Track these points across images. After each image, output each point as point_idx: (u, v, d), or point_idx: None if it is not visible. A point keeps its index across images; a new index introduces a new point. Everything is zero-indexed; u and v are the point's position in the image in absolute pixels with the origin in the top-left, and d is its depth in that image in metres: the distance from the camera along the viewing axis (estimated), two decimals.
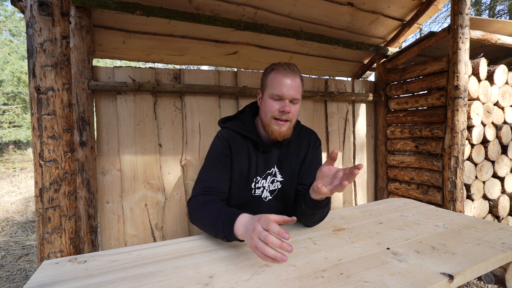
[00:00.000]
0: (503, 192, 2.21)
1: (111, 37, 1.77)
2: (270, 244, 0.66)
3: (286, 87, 1.02)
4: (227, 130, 1.13)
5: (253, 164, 1.11)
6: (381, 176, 2.56)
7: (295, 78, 1.04)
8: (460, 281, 0.69)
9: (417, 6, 2.16)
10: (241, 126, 1.13)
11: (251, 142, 1.12)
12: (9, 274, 2.32)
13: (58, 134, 1.05)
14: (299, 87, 1.06)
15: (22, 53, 8.44)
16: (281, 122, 1.04)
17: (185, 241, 0.97)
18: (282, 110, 1.01)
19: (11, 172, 7.16)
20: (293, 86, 1.03)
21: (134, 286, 0.68)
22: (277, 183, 1.15)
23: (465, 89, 1.86)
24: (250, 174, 1.11)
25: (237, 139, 1.11)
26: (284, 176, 1.14)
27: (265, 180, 1.13)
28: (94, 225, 1.51)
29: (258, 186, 1.12)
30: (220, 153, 1.09)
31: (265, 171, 1.13)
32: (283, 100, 1.03)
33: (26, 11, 1.00)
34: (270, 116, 1.04)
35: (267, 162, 1.12)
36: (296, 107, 1.06)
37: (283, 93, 1.01)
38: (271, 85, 1.05)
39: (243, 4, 1.79)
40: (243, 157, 1.10)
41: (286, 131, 1.06)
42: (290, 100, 1.03)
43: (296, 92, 1.04)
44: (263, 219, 0.70)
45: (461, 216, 1.16)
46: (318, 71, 2.74)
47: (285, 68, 1.04)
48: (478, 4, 8.39)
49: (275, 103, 1.04)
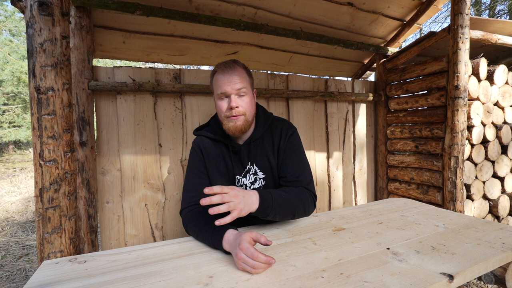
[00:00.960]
0: (503, 192, 2.21)
1: (111, 37, 1.77)
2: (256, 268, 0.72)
3: (226, 83, 1.04)
4: (199, 137, 1.20)
5: (229, 164, 1.14)
6: (381, 176, 2.56)
7: (233, 71, 1.05)
8: (460, 281, 0.69)
9: (417, 6, 2.15)
10: (211, 130, 1.17)
11: (222, 144, 1.16)
12: (9, 274, 2.32)
13: (58, 134, 1.05)
14: (242, 78, 1.06)
15: (22, 53, 8.44)
16: (234, 117, 1.05)
17: (185, 241, 0.97)
18: (230, 107, 1.03)
19: (11, 172, 7.17)
20: (232, 79, 1.04)
21: (134, 286, 0.68)
22: (259, 180, 1.16)
23: (465, 89, 1.86)
24: (230, 175, 1.14)
25: (209, 144, 1.16)
26: (265, 172, 1.16)
27: (245, 178, 1.16)
28: (94, 225, 1.51)
29: (240, 184, 1.15)
30: (195, 160, 1.15)
31: (242, 170, 1.15)
32: (229, 97, 1.05)
33: (26, 11, 1.00)
34: (223, 116, 1.07)
35: (241, 160, 1.15)
36: (245, 99, 1.07)
37: (225, 89, 1.04)
38: (215, 87, 1.08)
39: (243, 4, 1.79)
40: (218, 160, 1.15)
41: (242, 124, 1.06)
42: (236, 94, 1.05)
43: (239, 84, 1.04)
44: (244, 246, 0.74)
45: (461, 216, 1.16)
46: (318, 71, 2.74)
47: (221, 66, 1.07)
48: (478, 4, 8.38)
49: (222, 102, 1.07)
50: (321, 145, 2.28)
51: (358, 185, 2.51)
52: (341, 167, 2.39)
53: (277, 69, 2.51)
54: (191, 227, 1.00)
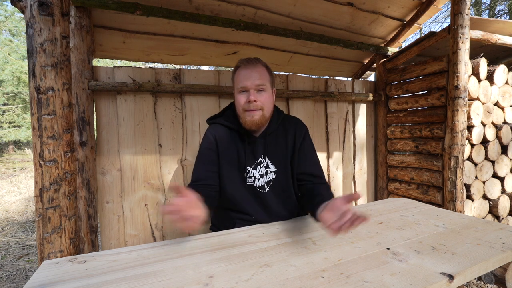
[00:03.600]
0: (503, 192, 2.21)
1: (111, 37, 1.77)
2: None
3: (246, 78, 1.10)
4: (214, 125, 1.23)
5: (241, 154, 1.17)
6: (381, 176, 2.56)
7: (255, 68, 1.12)
8: (460, 281, 0.69)
9: (417, 6, 2.15)
10: (227, 119, 1.21)
11: (237, 134, 1.19)
12: (9, 274, 2.32)
13: (58, 134, 1.05)
14: (263, 75, 1.12)
15: (22, 53, 8.44)
16: (252, 111, 1.10)
17: (185, 241, 0.97)
18: (249, 101, 1.08)
19: (11, 172, 7.16)
20: (254, 75, 1.10)
21: (134, 286, 0.68)
22: (271, 173, 1.19)
23: (465, 89, 1.86)
24: (241, 164, 1.17)
25: (224, 133, 1.19)
26: (277, 166, 1.19)
27: (255, 170, 1.18)
28: (94, 225, 1.51)
29: (250, 176, 1.18)
30: (206, 148, 1.18)
31: (254, 161, 1.18)
32: (248, 91, 1.10)
33: (26, 11, 1.00)
34: (241, 109, 1.12)
35: (254, 152, 1.18)
36: (264, 95, 1.12)
37: (246, 84, 1.09)
38: (236, 81, 1.14)
39: (243, 4, 1.79)
40: (231, 149, 1.18)
41: (259, 119, 1.12)
42: (255, 89, 1.10)
43: (259, 80, 1.10)
44: None
45: (461, 216, 1.16)
46: (318, 71, 2.74)
47: (244, 62, 1.14)
48: (478, 4, 8.38)
49: (242, 96, 1.12)
50: (321, 145, 2.28)
51: (358, 185, 2.51)
52: (341, 167, 2.39)
53: (277, 69, 2.51)
54: None
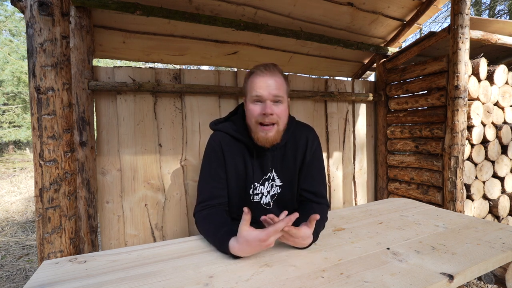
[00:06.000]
0: (503, 192, 2.21)
1: (111, 37, 1.76)
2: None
3: (264, 87, 0.97)
4: (220, 133, 1.10)
5: (249, 168, 1.07)
6: (381, 176, 2.56)
7: (273, 77, 0.99)
8: (460, 281, 0.69)
9: (417, 6, 2.15)
10: (234, 128, 1.09)
11: (244, 145, 1.08)
12: (9, 274, 2.32)
13: (58, 134, 1.05)
14: (280, 85, 1.00)
15: (22, 53, 8.44)
16: (266, 127, 0.98)
17: (185, 241, 0.97)
18: (264, 113, 0.96)
19: (11, 172, 7.16)
20: (272, 85, 0.98)
21: (134, 286, 0.68)
22: (276, 187, 1.12)
23: (465, 89, 1.86)
24: (248, 179, 1.08)
25: (231, 142, 1.08)
26: (283, 180, 1.11)
27: (263, 186, 1.10)
28: (94, 225, 1.51)
29: (257, 193, 1.09)
30: (213, 159, 1.07)
31: (262, 177, 1.09)
32: (264, 102, 0.98)
33: (26, 11, 1.00)
34: (254, 121, 1.00)
35: (263, 167, 1.09)
36: (281, 107, 1.00)
37: (262, 93, 0.97)
38: (250, 89, 1.01)
39: (243, 4, 1.79)
40: (238, 161, 1.08)
41: (273, 136, 1.00)
42: (272, 100, 0.98)
43: (277, 90, 0.98)
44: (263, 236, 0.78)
45: (461, 216, 1.16)
46: (318, 71, 2.74)
47: (261, 69, 1.00)
48: (478, 4, 8.38)
49: (256, 106, 0.99)
50: (321, 145, 2.28)
51: (358, 185, 2.51)
52: (341, 167, 2.39)
53: None
54: (202, 229, 1.00)
